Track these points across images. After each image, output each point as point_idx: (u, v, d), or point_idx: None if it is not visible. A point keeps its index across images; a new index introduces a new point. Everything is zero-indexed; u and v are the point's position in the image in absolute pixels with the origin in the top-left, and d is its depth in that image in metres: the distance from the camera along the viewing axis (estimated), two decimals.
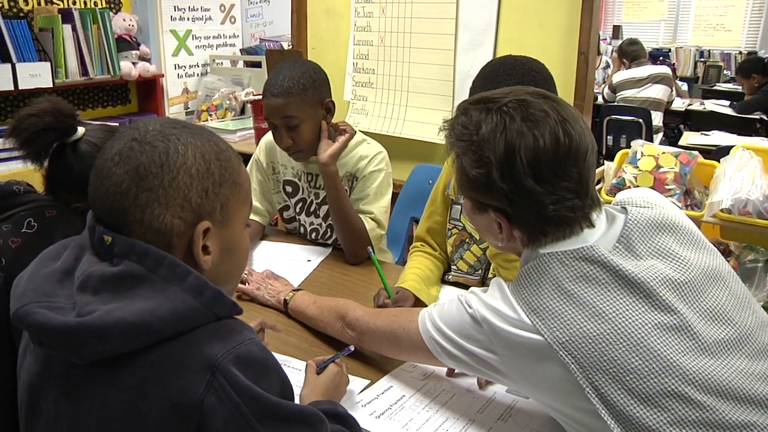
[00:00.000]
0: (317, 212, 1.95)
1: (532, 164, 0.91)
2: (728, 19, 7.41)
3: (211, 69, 4.06)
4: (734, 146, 2.17)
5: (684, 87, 6.07)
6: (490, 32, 2.41)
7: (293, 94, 1.69)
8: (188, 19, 3.94)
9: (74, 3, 3.39)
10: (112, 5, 3.60)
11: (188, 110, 3.98)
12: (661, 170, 2.08)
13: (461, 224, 1.69)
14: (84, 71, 3.26)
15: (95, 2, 3.49)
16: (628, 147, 2.26)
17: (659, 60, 6.04)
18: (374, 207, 1.84)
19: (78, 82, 3.28)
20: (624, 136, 4.48)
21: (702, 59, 7.28)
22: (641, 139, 2.34)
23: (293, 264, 1.80)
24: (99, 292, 0.74)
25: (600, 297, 0.89)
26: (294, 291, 1.52)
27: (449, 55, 2.51)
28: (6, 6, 3.11)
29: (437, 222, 1.75)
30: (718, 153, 2.57)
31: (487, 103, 0.97)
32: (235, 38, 4.28)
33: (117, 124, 1.69)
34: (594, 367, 0.86)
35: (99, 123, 1.28)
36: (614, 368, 0.85)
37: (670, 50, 7.36)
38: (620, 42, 5.82)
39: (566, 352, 0.87)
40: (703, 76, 6.89)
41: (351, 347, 1.22)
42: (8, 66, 2.94)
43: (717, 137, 4.05)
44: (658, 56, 6.45)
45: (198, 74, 4.05)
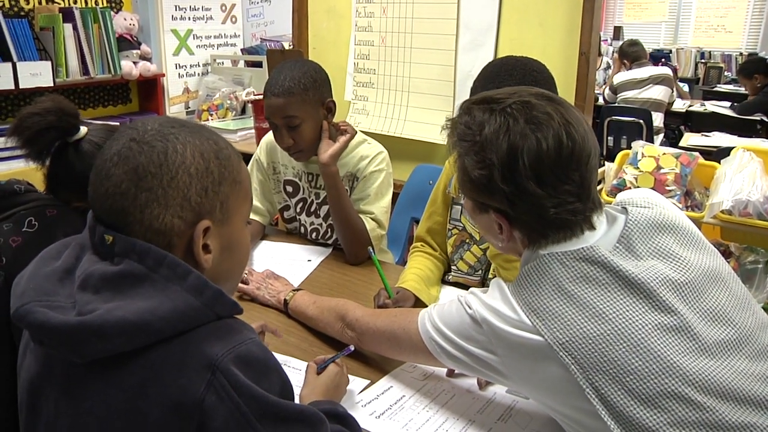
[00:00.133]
0: (318, 212, 1.95)
1: (535, 167, 0.91)
2: (729, 21, 7.40)
3: (212, 69, 4.07)
4: (735, 147, 2.17)
5: (685, 88, 6.06)
6: (491, 33, 2.41)
7: (294, 94, 1.69)
8: (189, 19, 3.95)
9: (75, 2, 3.38)
10: (113, 4, 3.60)
11: (189, 110, 3.98)
12: (662, 171, 2.08)
13: (461, 225, 1.69)
14: (85, 70, 3.27)
15: (96, 1, 3.50)
16: (629, 148, 2.26)
17: (660, 61, 6.03)
18: (375, 207, 1.84)
19: (79, 82, 3.28)
20: (624, 137, 4.47)
21: (703, 60, 7.27)
22: (642, 140, 2.34)
23: (293, 264, 1.80)
24: (100, 291, 0.74)
25: (600, 297, 0.89)
26: (294, 291, 1.52)
27: (450, 56, 2.51)
28: (7, 5, 3.11)
29: (437, 222, 1.75)
30: (719, 154, 2.57)
31: (491, 104, 0.97)
32: (236, 38, 4.28)
33: (118, 124, 1.69)
34: (594, 368, 0.86)
35: (101, 122, 1.28)
36: (614, 369, 0.85)
37: (671, 51, 7.36)
38: (621, 43, 5.82)
39: (566, 353, 0.87)
40: (704, 78, 6.89)
41: (351, 347, 1.22)
42: (9, 65, 2.94)
43: (718, 138, 4.04)
44: (659, 57, 6.43)
45: (199, 74, 4.05)
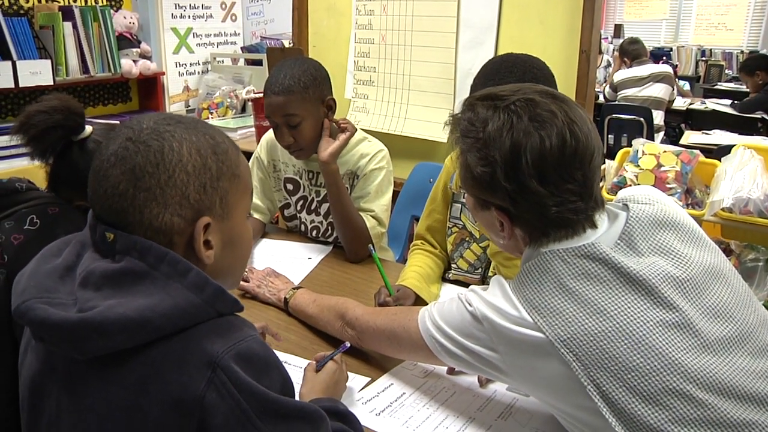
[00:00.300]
0: (318, 210, 1.95)
1: (537, 165, 0.91)
2: (730, 18, 7.39)
3: (212, 67, 4.06)
4: (735, 145, 2.17)
5: (685, 86, 6.05)
6: (492, 30, 2.40)
7: (294, 92, 1.69)
8: (189, 17, 3.94)
9: (75, 0, 3.38)
10: (113, 3, 3.59)
11: (189, 108, 3.98)
12: (662, 169, 2.08)
13: (461, 222, 1.69)
14: (85, 69, 3.26)
15: (96, 0, 3.49)
16: (629, 146, 2.26)
17: (661, 59, 6.02)
18: (375, 205, 1.84)
19: (79, 80, 3.28)
20: (625, 135, 4.47)
21: (703, 58, 7.26)
22: (642, 138, 2.34)
23: (294, 262, 1.80)
24: (100, 288, 0.74)
25: (602, 294, 0.89)
26: (294, 289, 1.52)
27: (450, 54, 2.51)
28: (6, 3, 3.10)
29: (437, 220, 1.75)
30: (719, 152, 2.57)
31: (495, 100, 0.96)
32: (236, 36, 4.28)
33: (118, 122, 1.69)
34: (595, 365, 0.86)
35: (104, 122, 1.27)
36: (616, 366, 0.85)
37: (672, 49, 7.35)
38: (621, 41, 5.81)
39: (568, 350, 0.87)
40: (705, 75, 6.87)
41: (347, 344, 1.22)
42: (9, 63, 2.93)
43: (718, 136, 4.04)
44: (660, 55, 6.42)
45: (199, 72, 4.05)
